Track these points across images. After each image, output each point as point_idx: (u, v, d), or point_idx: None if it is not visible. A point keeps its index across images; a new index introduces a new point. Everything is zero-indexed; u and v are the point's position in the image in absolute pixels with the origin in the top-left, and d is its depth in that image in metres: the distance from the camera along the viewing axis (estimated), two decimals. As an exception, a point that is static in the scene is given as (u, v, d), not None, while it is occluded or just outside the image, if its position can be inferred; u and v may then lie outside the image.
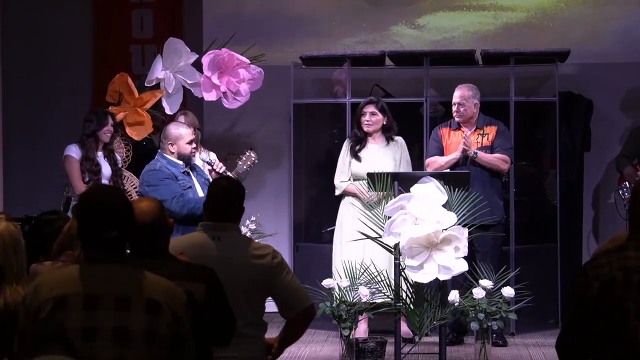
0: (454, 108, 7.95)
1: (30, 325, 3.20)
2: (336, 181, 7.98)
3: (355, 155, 7.91)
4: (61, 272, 3.36)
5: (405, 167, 7.93)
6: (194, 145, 6.91)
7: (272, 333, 4.68)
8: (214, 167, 7.11)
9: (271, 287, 4.42)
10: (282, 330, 4.60)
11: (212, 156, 7.94)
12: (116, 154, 8.04)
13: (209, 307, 3.81)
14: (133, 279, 3.25)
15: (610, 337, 3.28)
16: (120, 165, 8.04)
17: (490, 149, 7.94)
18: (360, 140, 7.95)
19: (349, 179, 7.91)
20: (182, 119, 8.02)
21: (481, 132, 7.99)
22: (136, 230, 3.86)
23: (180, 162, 6.85)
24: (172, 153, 6.86)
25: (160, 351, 3.19)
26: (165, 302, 3.23)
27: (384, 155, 7.88)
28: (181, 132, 6.89)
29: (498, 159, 7.92)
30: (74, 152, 7.82)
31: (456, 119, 7.98)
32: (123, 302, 3.19)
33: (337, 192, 7.97)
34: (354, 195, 7.83)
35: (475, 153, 7.81)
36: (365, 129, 7.92)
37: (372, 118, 7.90)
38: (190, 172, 6.91)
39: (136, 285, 3.23)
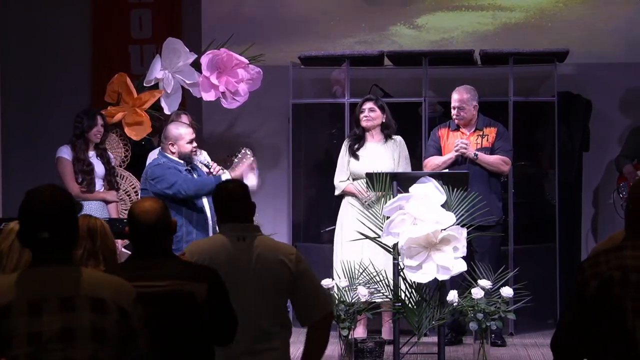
0: (454, 112, 7.93)
1: None
2: (335, 181, 7.97)
3: (353, 153, 7.90)
4: (3, 279, 3.32)
5: (405, 164, 7.93)
6: (194, 144, 6.92)
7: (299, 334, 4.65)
8: (211, 169, 7.11)
9: (293, 288, 4.40)
10: (305, 345, 4.54)
11: (204, 155, 7.92)
12: (109, 153, 8.04)
13: (210, 307, 3.81)
14: (75, 279, 3.20)
15: (608, 336, 3.29)
16: (113, 164, 8.04)
17: (491, 150, 7.94)
18: (359, 139, 7.95)
19: (348, 179, 7.91)
20: (184, 119, 8.03)
21: (481, 134, 7.97)
22: (139, 230, 3.87)
23: (182, 162, 6.87)
24: (173, 153, 6.87)
25: (111, 349, 3.17)
26: (111, 299, 3.18)
27: (382, 154, 7.88)
28: (181, 132, 6.90)
29: (499, 160, 7.91)
30: (65, 153, 7.83)
31: (457, 123, 7.97)
32: (67, 302, 3.14)
33: (337, 192, 7.97)
34: (352, 195, 7.83)
35: (476, 155, 7.81)
36: (364, 124, 7.91)
37: (370, 114, 7.91)
38: (192, 172, 6.93)
39: (79, 284, 3.18)
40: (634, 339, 3.24)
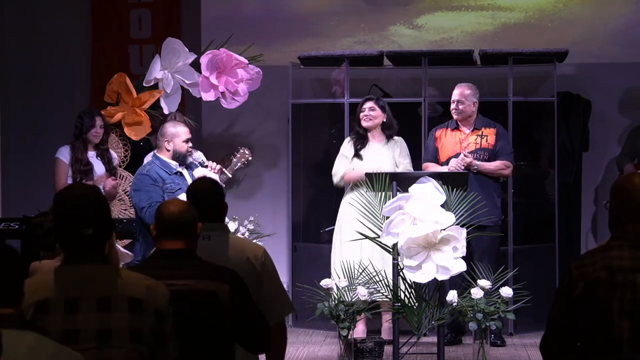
0: (453, 105, 7.95)
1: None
2: (334, 169, 7.96)
3: (357, 154, 7.91)
4: (42, 275, 3.33)
5: (408, 163, 7.93)
6: (190, 144, 6.89)
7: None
8: (209, 168, 7.06)
9: (257, 289, 4.37)
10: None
11: (199, 154, 7.88)
12: (111, 152, 8.03)
13: (235, 310, 3.80)
14: (112, 279, 3.22)
15: (595, 337, 3.29)
16: (115, 164, 8.02)
17: (491, 152, 7.93)
18: (361, 139, 7.94)
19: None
20: (179, 119, 8.02)
21: (479, 133, 7.98)
22: (165, 230, 3.86)
23: (174, 163, 6.80)
24: (168, 151, 6.82)
25: (146, 350, 3.17)
26: (146, 300, 3.20)
27: (383, 155, 7.90)
28: (178, 130, 6.87)
29: (500, 166, 7.91)
30: (63, 154, 7.82)
31: (454, 117, 7.98)
32: (104, 303, 3.16)
33: (335, 180, 7.93)
34: (354, 184, 7.81)
35: (476, 168, 7.80)
36: (364, 123, 7.93)
37: (370, 113, 7.92)
38: (185, 172, 6.86)
39: (116, 285, 3.20)
40: (620, 340, 3.24)
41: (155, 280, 3.31)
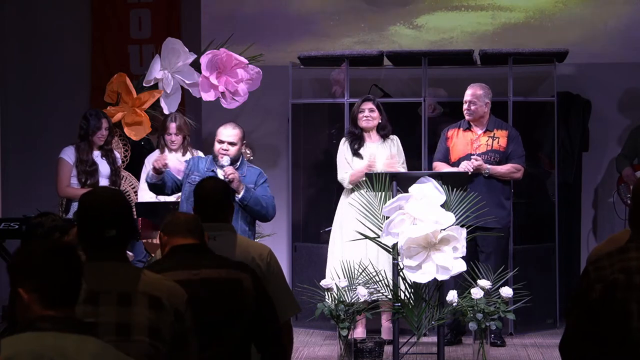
0: (465, 106, 7.94)
1: None
2: (340, 176, 7.96)
3: (355, 153, 7.92)
4: None
5: (400, 163, 7.95)
6: (224, 146, 6.87)
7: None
8: (222, 172, 6.98)
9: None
10: None
11: (226, 159, 7.80)
12: (115, 152, 8.03)
13: (256, 297, 3.84)
14: (133, 277, 3.27)
15: (614, 339, 3.27)
16: (118, 165, 8.03)
17: (502, 154, 7.93)
18: (358, 139, 7.97)
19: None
20: (178, 119, 8.03)
21: (491, 135, 7.97)
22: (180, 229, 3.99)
23: (213, 161, 6.90)
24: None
25: (165, 348, 3.19)
26: (166, 299, 3.24)
27: (382, 153, 7.91)
28: (218, 129, 6.95)
29: (511, 169, 7.90)
30: (67, 154, 7.81)
31: (466, 117, 7.97)
32: (124, 298, 3.20)
33: (346, 185, 7.94)
34: (357, 185, 7.82)
35: (487, 172, 7.80)
36: (364, 124, 7.94)
37: (371, 114, 7.94)
38: (219, 172, 6.84)
39: (137, 282, 3.25)
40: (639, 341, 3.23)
41: (174, 282, 3.36)
